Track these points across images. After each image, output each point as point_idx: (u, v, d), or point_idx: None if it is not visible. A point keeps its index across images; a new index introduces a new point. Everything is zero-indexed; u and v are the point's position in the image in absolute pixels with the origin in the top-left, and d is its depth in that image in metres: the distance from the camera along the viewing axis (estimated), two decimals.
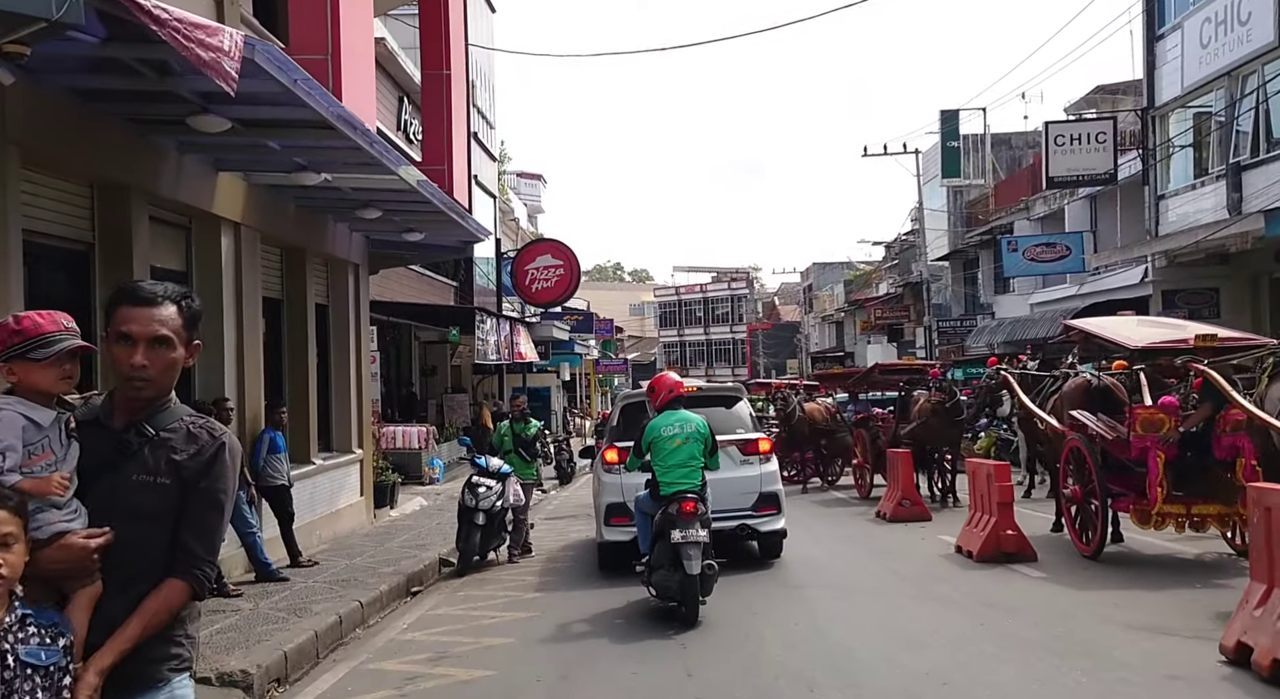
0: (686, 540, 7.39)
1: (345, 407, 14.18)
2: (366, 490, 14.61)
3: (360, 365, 14.66)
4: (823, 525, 13.31)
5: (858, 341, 56.30)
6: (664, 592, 7.64)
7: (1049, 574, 8.81)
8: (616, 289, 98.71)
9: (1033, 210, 30.95)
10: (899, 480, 13.00)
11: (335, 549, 11.97)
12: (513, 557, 11.43)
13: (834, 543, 11.59)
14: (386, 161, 9.55)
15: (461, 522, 10.70)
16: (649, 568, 7.83)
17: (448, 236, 15.21)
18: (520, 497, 11.07)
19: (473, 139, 30.69)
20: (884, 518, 13.03)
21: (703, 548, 7.44)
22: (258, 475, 10.52)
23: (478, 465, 11.02)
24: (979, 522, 9.58)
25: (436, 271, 26.62)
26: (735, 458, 9.73)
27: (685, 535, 7.41)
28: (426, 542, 12.58)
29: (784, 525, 9.95)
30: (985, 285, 35.92)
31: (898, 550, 10.69)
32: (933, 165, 37.31)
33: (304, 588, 9.30)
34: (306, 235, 12.50)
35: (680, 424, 8.08)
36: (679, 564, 7.40)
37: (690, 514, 7.53)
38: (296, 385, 12.53)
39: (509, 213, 40.95)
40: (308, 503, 12.29)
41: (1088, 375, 9.95)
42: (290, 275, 12.51)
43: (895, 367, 16.69)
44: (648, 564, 7.87)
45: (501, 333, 25.09)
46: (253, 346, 10.73)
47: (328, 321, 14.08)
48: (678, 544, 7.41)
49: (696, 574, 7.34)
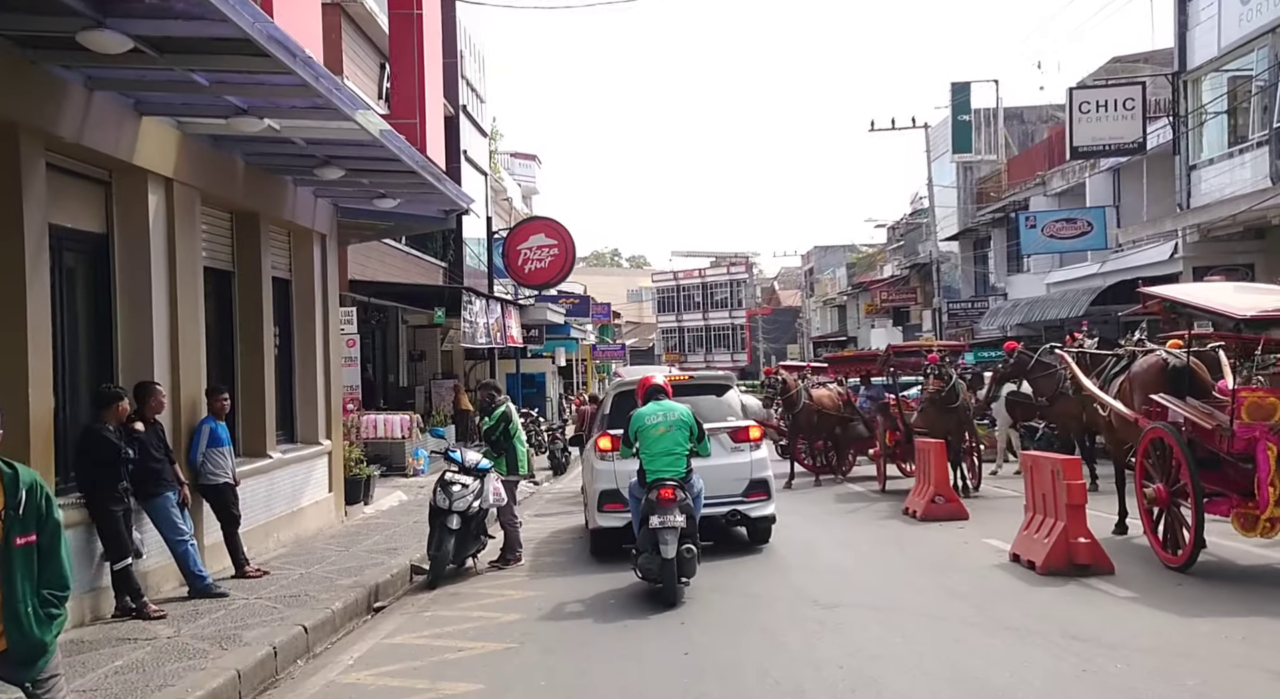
0: (663, 526, 7.73)
1: (311, 393, 12.72)
2: (336, 486, 13.17)
3: (329, 347, 13.19)
4: (845, 525, 11.87)
5: (861, 326, 54.99)
6: (647, 573, 7.96)
7: (1137, 593, 7.27)
8: (614, 274, 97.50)
9: (1050, 185, 29.47)
10: (930, 474, 11.54)
11: (294, 554, 10.54)
12: (496, 565, 10.00)
13: (863, 547, 10.17)
14: (339, 103, 8.07)
15: (433, 525, 9.27)
16: (637, 551, 8.15)
17: (426, 205, 13.73)
18: (501, 495, 9.62)
19: (462, 112, 29.32)
20: (914, 516, 11.59)
21: (679, 533, 7.73)
22: (196, 473, 9.07)
23: (452, 460, 9.57)
24: (1042, 526, 8.09)
25: (424, 251, 25.14)
26: (726, 445, 9.90)
27: (662, 521, 7.75)
28: (399, 544, 11.16)
29: (774, 511, 10.07)
30: (998, 265, 34.45)
31: (940, 558, 9.24)
32: (942, 141, 35.78)
33: (243, 606, 7.87)
34: (261, 199, 11.02)
35: (663, 413, 8.36)
36: (657, 548, 7.74)
37: (668, 500, 7.85)
38: (251, 369, 11.06)
39: (501, 192, 39.41)
40: (263, 502, 10.86)
41: (1163, 354, 8.48)
42: (242, 244, 11.02)
43: (911, 348, 15.15)
44: (636, 548, 8.18)
45: (492, 315, 23.59)
46: (190, 323, 9.26)
47: (290, 298, 12.61)
48: (655, 529, 7.76)
49: (672, 558, 7.66)
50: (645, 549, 7.92)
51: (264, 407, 11.10)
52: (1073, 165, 27.74)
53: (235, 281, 11.00)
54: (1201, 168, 21.72)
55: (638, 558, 8.03)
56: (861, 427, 17.06)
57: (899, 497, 13.67)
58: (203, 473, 9.09)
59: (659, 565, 7.72)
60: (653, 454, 8.26)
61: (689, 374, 11.64)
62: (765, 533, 10.12)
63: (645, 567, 7.91)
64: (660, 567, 7.71)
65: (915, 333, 41.45)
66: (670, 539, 7.70)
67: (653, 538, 7.80)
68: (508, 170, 45.25)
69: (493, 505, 9.49)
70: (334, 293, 13.45)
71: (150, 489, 8.08)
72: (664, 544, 7.69)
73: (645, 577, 7.99)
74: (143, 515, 8.19)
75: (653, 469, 8.21)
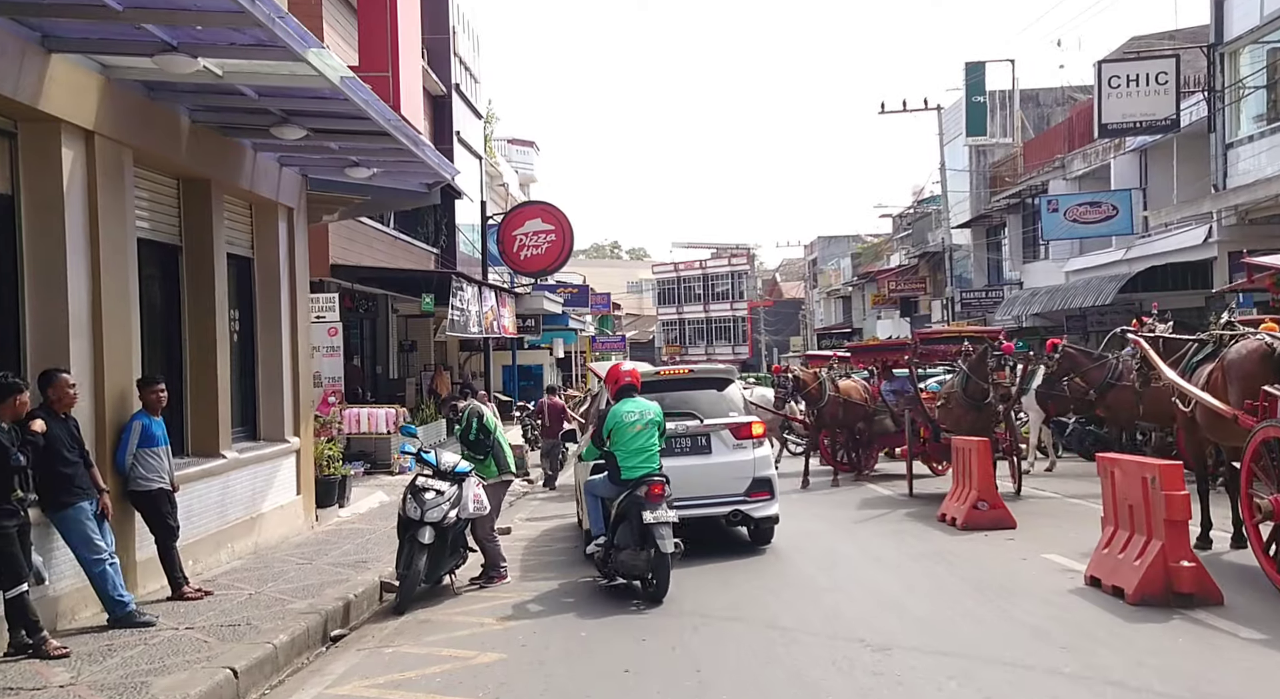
0: (659, 521, 7.64)
1: (276, 385, 11.39)
2: (305, 488, 11.85)
3: (298, 334, 11.85)
4: (876, 534, 10.49)
5: (866, 317, 53.72)
6: (630, 571, 7.83)
7: (1266, 634, 5.83)
8: (614, 266, 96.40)
9: (1070, 168, 28.07)
10: (972, 477, 10.18)
11: (248, 569, 9.23)
12: (478, 583, 8.68)
13: (904, 564, 8.80)
14: (285, 37, 6.73)
15: (402, 539, 7.95)
16: (611, 548, 8.01)
17: (406, 177, 12.40)
18: (483, 503, 8.27)
19: (454, 91, 27.94)
20: (953, 524, 10.25)
21: (672, 528, 7.71)
22: (125, 477, 7.74)
23: (426, 462, 8.23)
24: (1129, 545, 6.70)
25: (414, 236, 23.80)
26: (728, 442, 9.56)
27: (657, 516, 7.65)
28: (371, 554, 9.85)
29: (777, 511, 9.67)
30: (1013, 253, 33.07)
31: (1000, 579, 7.81)
32: (954, 124, 34.42)
33: (167, 640, 6.55)
34: (212, 164, 9.68)
35: (639, 411, 8.26)
36: (649, 543, 7.63)
37: (660, 496, 7.80)
38: (201, 357, 9.72)
39: (497, 177, 38.07)
40: (215, 508, 9.54)
41: (1267, 339, 7.14)
42: (191, 215, 9.68)
43: (941, 334, 13.69)
44: (608, 545, 8.06)
45: (485, 303, 22.20)
46: (118, 301, 7.92)
47: (251, 278, 11.28)
48: (650, 524, 7.64)
49: (669, 553, 7.58)
50: (628, 545, 7.81)
51: (216, 400, 9.76)
52: (1095, 147, 26.38)
53: (183, 257, 9.66)
54: (1239, 145, 20.37)
55: (612, 555, 7.92)
56: (889, 420, 15.76)
57: (930, 501, 12.34)
58: (132, 477, 7.76)
59: (649, 560, 7.62)
60: (629, 451, 8.13)
61: (688, 368, 11.13)
62: (768, 533, 9.73)
63: (629, 563, 7.78)
64: (653, 561, 7.61)
65: (924, 324, 40.08)
66: (667, 534, 7.63)
67: (645, 533, 7.68)
68: (505, 157, 43.96)
69: (473, 515, 8.15)
70: (303, 274, 12.10)
71: (60, 498, 6.76)
72: (661, 539, 7.58)
73: (625, 574, 7.91)
74: (52, 530, 6.87)
75: (630, 466, 8.09)
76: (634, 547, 7.74)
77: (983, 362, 11.33)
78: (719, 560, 9.22)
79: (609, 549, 8.05)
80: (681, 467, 9.03)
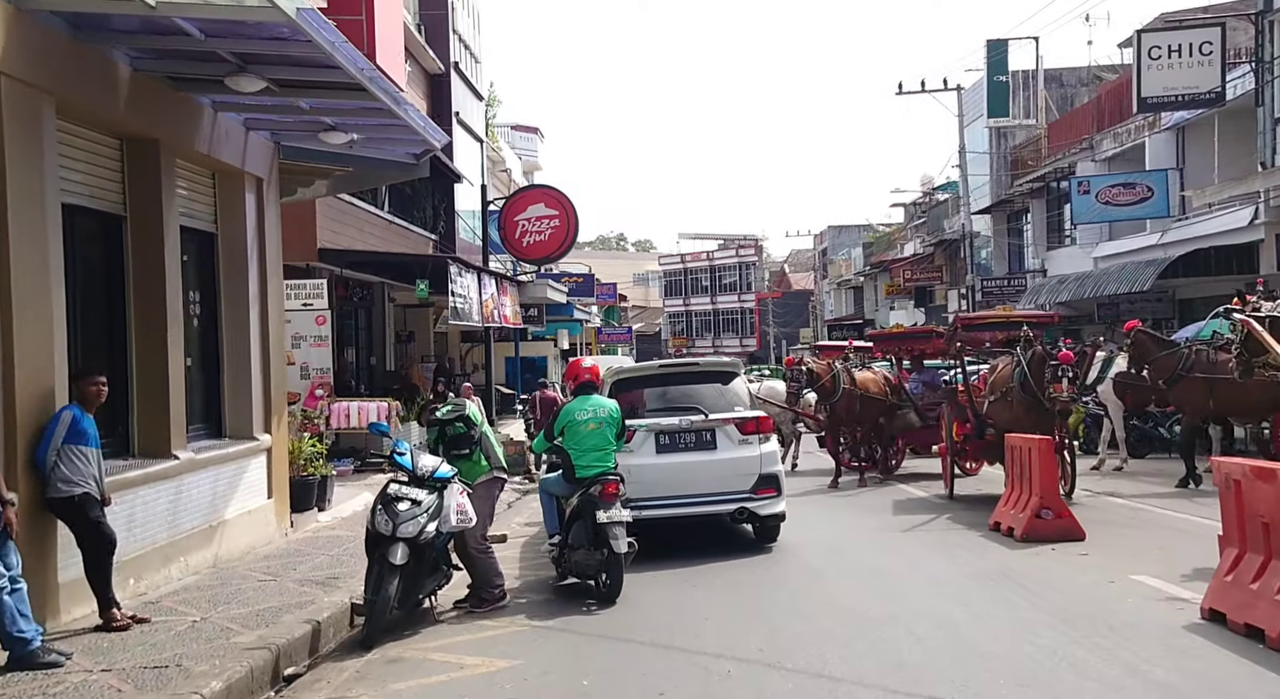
0: (612, 520, 7.56)
1: (243, 377, 10.16)
2: (278, 490, 10.62)
3: (270, 321, 10.62)
4: (924, 547, 9.11)
5: (879, 307, 52.43)
6: (583, 570, 7.77)
7: None
8: (619, 258, 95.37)
9: (1100, 149, 26.69)
10: (1032, 480, 8.86)
11: (201, 588, 8.01)
12: (464, 607, 7.43)
13: (967, 587, 7.41)
14: None
15: (371, 557, 6.70)
16: (565, 548, 7.93)
17: (391, 145, 11.14)
18: (468, 514, 7.00)
19: (453, 70, 26.66)
20: (1011, 535, 8.95)
21: (626, 527, 7.63)
22: (44, 481, 6.52)
23: (400, 466, 6.97)
24: (1265, 573, 5.38)
25: (411, 221, 22.55)
26: (733, 437, 9.29)
27: (610, 516, 7.58)
28: (345, 569, 8.62)
29: (784, 508, 9.40)
30: (1036, 239, 31.69)
31: (1092, 611, 6.41)
32: (974, 106, 33.05)
33: (70, 690, 5.32)
34: (161, 121, 8.44)
35: (593, 409, 8.17)
36: (603, 544, 7.55)
37: (614, 495, 7.73)
38: (149, 344, 8.48)
39: (500, 163, 36.82)
40: (165, 517, 8.31)
41: None
42: (136, 180, 8.42)
43: (985, 319, 12.33)
44: (561, 544, 7.99)
45: (485, 291, 20.93)
46: (32, 276, 6.68)
47: (214, 256, 10.05)
48: (604, 524, 7.56)
49: (623, 553, 7.49)
50: (582, 544, 7.73)
51: (167, 393, 8.52)
52: (1128, 126, 25.03)
53: (126, 229, 8.41)
54: None
55: (566, 554, 7.85)
56: (912, 415, 14.49)
57: (973, 505, 11.10)
58: (53, 480, 6.53)
59: (602, 561, 7.55)
60: (582, 450, 8.04)
61: (694, 361, 11.10)
62: (774, 531, 9.46)
63: (583, 563, 7.70)
64: (607, 562, 7.52)
65: (940, 314, 38.75)
66: (620, 534, 7.55)
67: (599, 533, 7.58)
68: (508, 143, 42.67)
69: (455, 528, 6.88)
70: (275, 252, 10.85)
71: None
72: (614, 539, 7.49)
73: (579, 573, 7.82)
74: None
75: (583, 464, 8.00)
76: (587, 546, 7.65)
77: (1042, 367, 9.92)
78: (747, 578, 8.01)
79: (563, 548, 7.95)
80: (685, 463, 8.99)
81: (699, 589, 7.80)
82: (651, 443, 9.14)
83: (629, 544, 7.59)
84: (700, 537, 9.70)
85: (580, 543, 7.71)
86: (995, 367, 10.70)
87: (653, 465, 8.99)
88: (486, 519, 7.70)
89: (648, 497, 8.76)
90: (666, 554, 8.90)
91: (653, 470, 8.94)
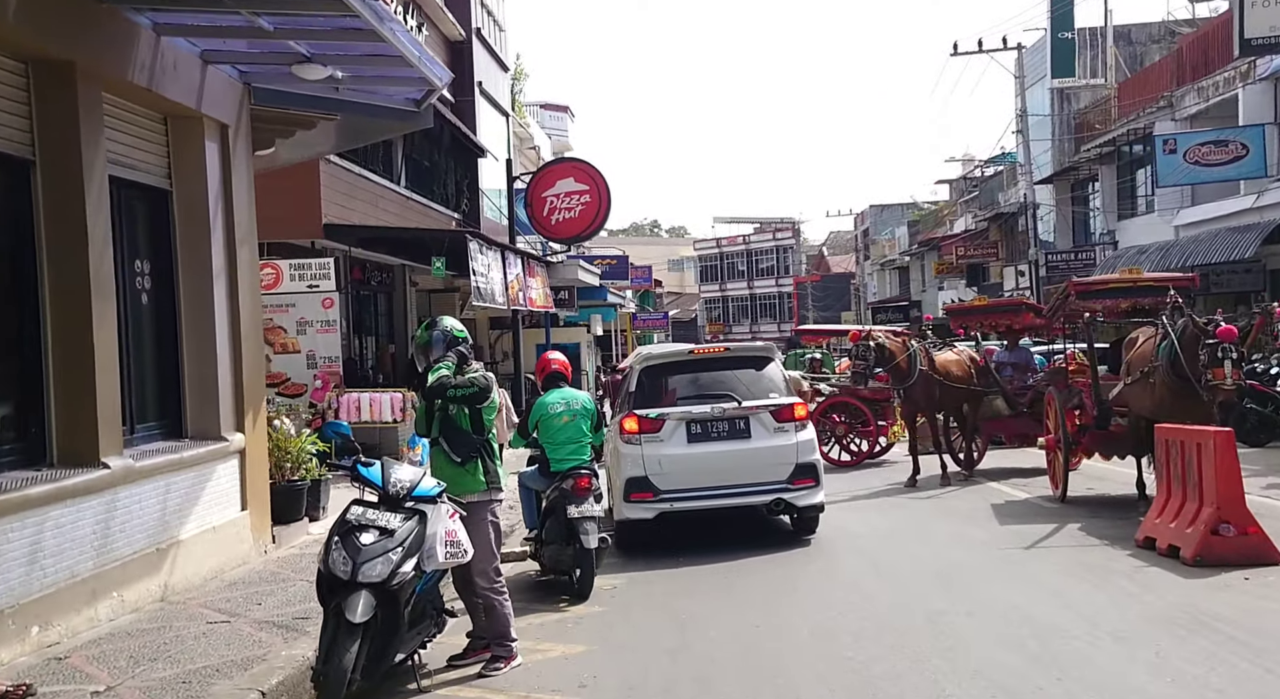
0: (583, 516, 7.48)
1: (207, 364, 8.39)
2: (255, 500, 8.84)
3: (241, 296, 8.83)
4: (1064, 576, 6.94)
5: (927, 288, 50.15)
6: (556, 565, 7.70)
7: None
8: (654, 244, 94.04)
9: (1180, 106, 24.32)
10: (1202, 484, 6.77)
11: (132, 634, 6.25)
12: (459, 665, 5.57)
13: (1156, 641, 5.33)
14: None
15: (326, 610, 4.82)
16: (539, 542, 7.93)
17: (384, 85, 9.32)
18: (463, 545, 5.03)
19: (475, 37, 24.81)
20: (1173, 555, 6.90)
21: (598, 522, 7.56)
22: None
23: (365, 480, 5.06)
24: None
25: (431, 198, 20.78)
26: (768, 425, 8.99)
27: (581, 511, 7.50)
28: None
29: (822, 499, 9.07)
30: (1106, 208, 29.31)
31: None
32: (1037, 67, 30.68)
33: None
34: (76, 38, 6.65)
35: (566, 401, 8.02)
36: (574, 539, 7.45)
37: (585, 490, 7.65)
38: (68, 323, 6.69)
39: (527, 140, 35.00)
40: (90, 541, 6.55)
41: None
42: (47, 116, 6.62)
43: (1110, 284, 10.06)
44: (537, 538, 7.97)
45: (511, 270, 19.08)
46: None
47: (170, 219, 8.28)
48: (574, 519, 7.47)
49: (593, 548, 7.43)
50: (554, 540, 7.66)
51: (93, 385, 6.74)
52: (1214, 79, 22.70)
53: (36, 177, 6.62)
54: None
55: (542, 550, 7.85)
56: (1000, 402, 12.49)
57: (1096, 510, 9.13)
58: None
59: (574, 556, 7.45)
60: (557, 443, 7.87)
61: (724, 346, 10.60)
62: (813, 523, 9.14)
63: (555, 558, 7.67)
64: (579, 557, 7.42)
65: (997, 293, 36.43)
66: (591, 529, 7.46)
67: (570, 528, 7.48)
68: (537, 122, 40.84)
69: (446, 565, 4.97)
70: (247, 215, 9.06)
71: None
72: (585, 534, 7.40)
73: (553, 569, 7.76)
74: None
75: (558, 458, 7.86)
76: (560, 542, 7.56)
77: (1195, 345, 7.77)
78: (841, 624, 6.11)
79: (538, 543, 7.92)
80: (718, 452, 8.75)
81: (774, 639, 5.93)
82: (682, 432, 8.83)
83: (602, 540, 7.48)
84: (773, 576, 7.82)
85: (553, 538, 7.61)
86: (1132, 340, 8.66)
87: (684, 455, 8.74)
88: (495, 550, 5.82)
89: (679, 488, 8.66)
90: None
91: (684, 461, 8.72)
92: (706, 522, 9.31)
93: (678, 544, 8.86)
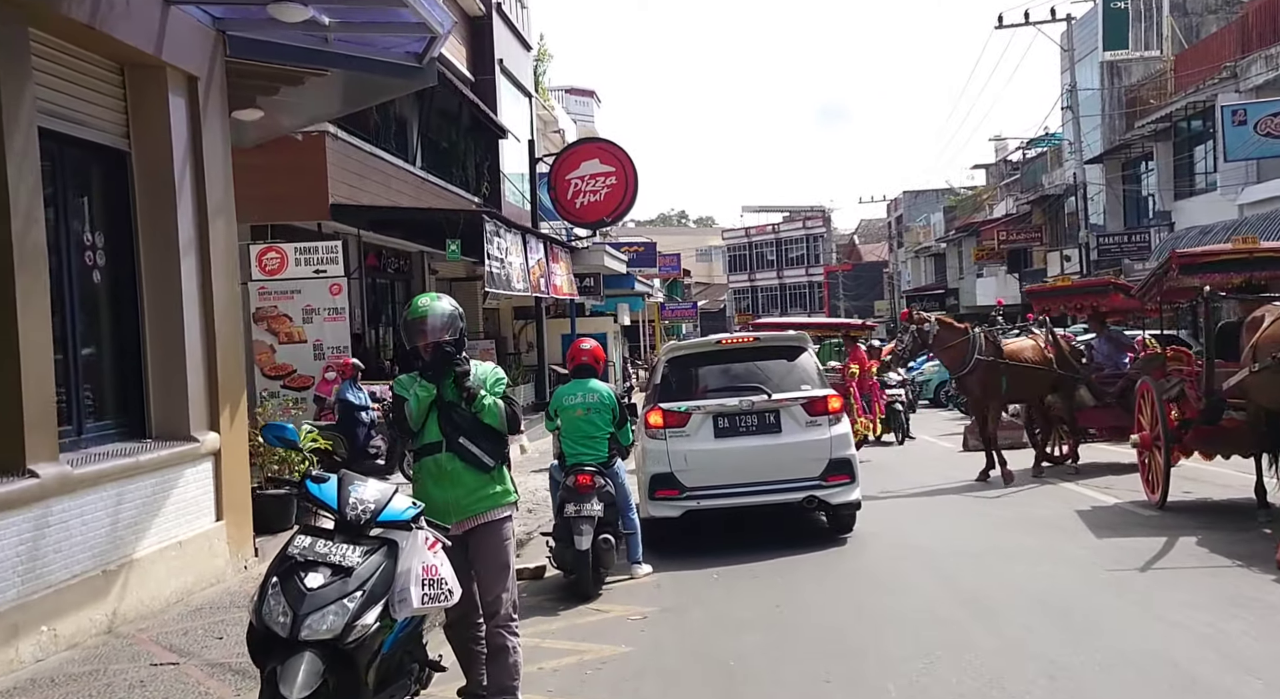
0: (579, 515, 7.26)
1: (174, 355, 7.26)
2: (232, 509, 7.70)
3: (214, 276, 7.68)
4: (1194, 608, 5.56)
5: (964, 275, 48.45)
6: (561, 564, 7.45)
7: None
8: (682, 234, 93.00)
9: (1246, 76, 22.69)
10: None
11: (58, 679, 5.15)
12: None
13: None
14: None
15: (261, 673, 3.62)
16: (554, 540, 7.56)
17: (377, 31, 8.15)
18: (447, 585, 3.70)
19: (495, 12, 23.61)
20: None
21: (595, 523, 7.27)
22: None
23: (318, 501, 3.82)
24: None
25: (450, 180, 19.62)
26: (800, 419, 8.55)
27: (579, 510, 7.29)
28: None
29: (858, 496, 8.62)
30: (1161, 187, 27.70)
31: None
32: (1086, 40, 29.06)
33: None
34: None
35: (583, 394, 7.71)
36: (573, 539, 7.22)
37: (585, 487, 7.39)
38: None
39: (551, 123, 33.82)
40: (15, 566, 5.46)
41: None
42: None
43: (1219, 256, 8.61)
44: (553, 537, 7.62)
45: (532, 255, 17.90)
46: None
47: (128, 185, 7.14)
48: (569, 518, 7.30)
49: (586, 550, 7.14)
50: (561, 538, 7.35)
51: (18, 378, 5.60)
52: None
53: None
54: None
55: (553, 548, 7.50)
56: (1085, 392, 11.17)
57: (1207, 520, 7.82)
58: None
59: (573, 557, 7.16)
60: (573, 437, 7.65)
61: (754, 335, 10.24)
62: (849, 521, 8.78)
63: (560, 557, 7.36)
64: (574, 558, 7.16)
65: (1041, 279, 34.84)
66: (586, 529, 7.16)
67: (567, 527, 7.25)
68: (563, 107, 39.68)
69: (422, 611, 3.71)
70: (222, 182, 7.90)
71: None
72: (579, 535, 7.13)
73: (560, 567, 7.45)
74: None
75: (572, 452, 7.64)
76: (565, 541, 7.34)
77: None
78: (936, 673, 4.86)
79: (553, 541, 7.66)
80: (748, 447, 8.42)
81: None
82: (710, 426, 8.45)
83: (604, 541, 7.22)
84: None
85: (560, 535, 7.42)
86: (1256, 321, 7.33)
87: (711, 451, 8.39)
88: (509, 579, 4.59)
89: (706, 485, 8.35)
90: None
91: (711, 456, 8.37)
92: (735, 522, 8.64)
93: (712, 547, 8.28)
